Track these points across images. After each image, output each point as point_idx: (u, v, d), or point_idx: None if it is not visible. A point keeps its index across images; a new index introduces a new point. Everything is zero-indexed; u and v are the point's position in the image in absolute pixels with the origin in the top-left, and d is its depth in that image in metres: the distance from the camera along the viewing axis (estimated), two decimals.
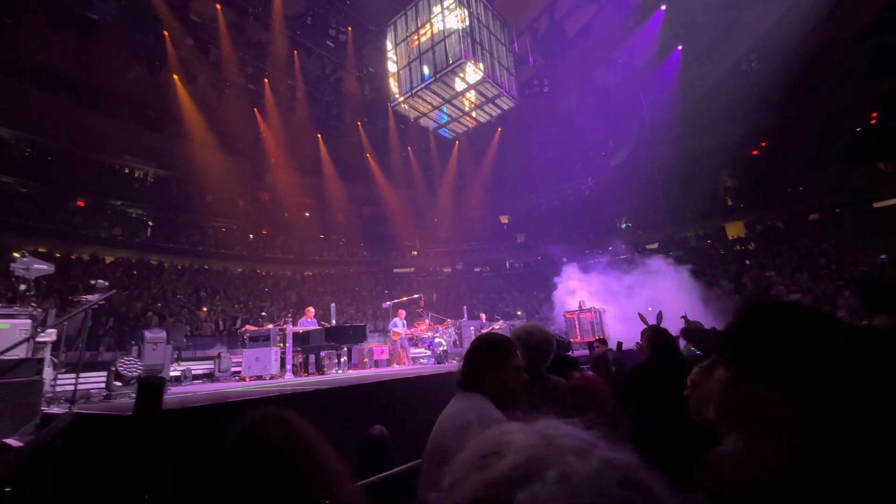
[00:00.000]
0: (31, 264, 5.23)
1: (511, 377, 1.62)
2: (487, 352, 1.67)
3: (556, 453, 0.33)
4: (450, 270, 28.04)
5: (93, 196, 19.67)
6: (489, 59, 13.69)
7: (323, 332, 7.99)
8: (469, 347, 1.74)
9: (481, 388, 1.59)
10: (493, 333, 1.81)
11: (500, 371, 1.61)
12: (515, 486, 0.31)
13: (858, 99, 18.23)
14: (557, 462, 0.32)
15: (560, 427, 0.37)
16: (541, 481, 0.31)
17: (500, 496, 0.31)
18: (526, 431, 0.37)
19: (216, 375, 8.56)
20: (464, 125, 16.51)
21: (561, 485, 0.30)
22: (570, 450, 0.33)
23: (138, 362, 4.98)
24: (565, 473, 0.31)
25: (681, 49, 18.16)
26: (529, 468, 0.32)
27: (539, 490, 0.30)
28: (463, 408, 1.53)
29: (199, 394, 4.52)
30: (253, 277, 22.30)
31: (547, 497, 0.30)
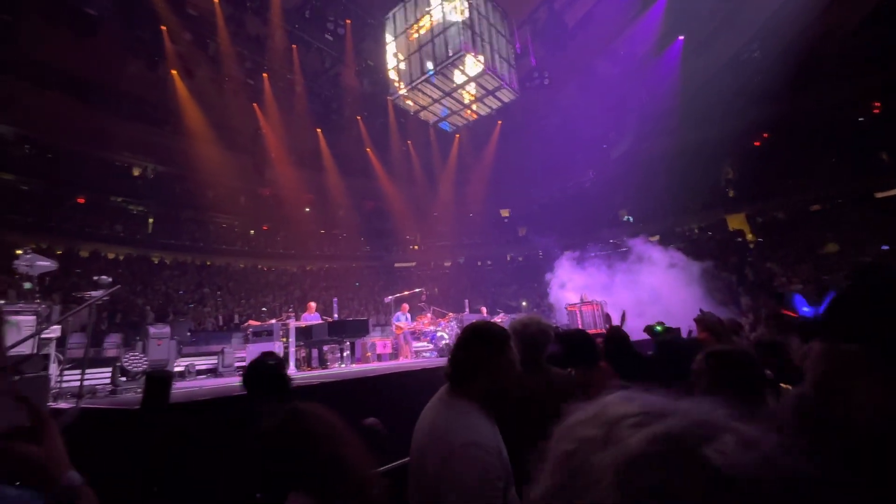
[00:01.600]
0: (35, 261, 5.25)
1: (506, 371, 1.52)
2: (481, 343, 1.54)
3: (722, 421, 0.34)
4: (451, 264, 28.05)
5: (93, 193, 19.67)
6: (489, 50, 13.59)
7: (326, 327, 8.03)
8: (460, 337, 1.61)
9: (473, 383, 1.49)
10: (485, 322, 1.65)
11: (495, 364, 1.51)
12: (697, 441, 0.31)
13: (861, 88, 18.10)
14: (729, 428, 0.33)
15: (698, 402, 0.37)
16: (720, 441, 0.31)
17: (681, 449, 0.31)
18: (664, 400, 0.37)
19: (220, 370, 8.62)
20: (464, 118, 16.43)
21: (747, 448, 0.31)
22: (731, 420, 0.34)
23: (143, 357, 5.01)
24: (741, 437, 0.32)
25: (682, 39, 18.01)
26: (705, 429, 0.32)
27: (722, 446, 0.31)
28: (447, 424, 1.42)
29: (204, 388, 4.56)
30: (255, 273, 22.35)
31: (734, 452, 0.30)
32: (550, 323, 2.33)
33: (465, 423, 1.39)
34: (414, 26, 13.89)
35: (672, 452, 0.31)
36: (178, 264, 20.16)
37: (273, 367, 2.17)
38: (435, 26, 13.26)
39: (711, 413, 0.35)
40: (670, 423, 0.34)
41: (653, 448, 0.32)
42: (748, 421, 0.34)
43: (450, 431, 1.38)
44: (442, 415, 1.47)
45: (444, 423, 1.43)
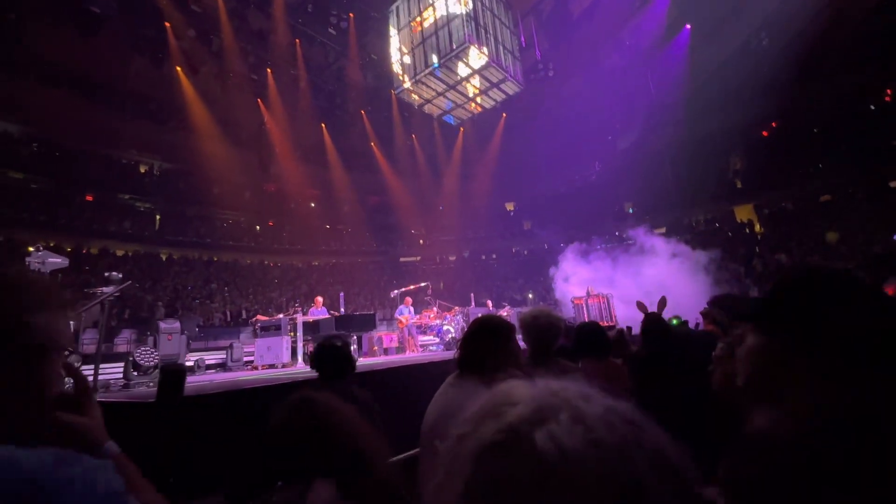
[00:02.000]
0: (46, 258, 5.32)
1: (508, 359, 1.65)
2: (485, 335, 1.68)
3: (565, 400, 0.36)
4: (456, 258, 28.07)
5: (101, 190, 19.83)
6: (493, 42, 13.48)
7: (333, 321, 8.07)
8: (468, 329, 1.75)
9: (481, 370, 1.60)
10: (491, 316, 1.82)
11: (500, 352, 1.64)
12: (532, 426, 0.34)
13: (873, 76, 17.76)
14: (568, 407, 0.35)
15: (560, 382, 0.39)
16: (555, 422, 0.34)
17: (519, 436, 0.34)
18: (531, 386, 0.40)
19: (228, 365, 8.68)
20: (468, 111, 16.36)
21: (575, 424, 0.33)
22: (576, 397, 0.36)
23: (155, 352, 5.07)
24: (577, 414, 0.34)
25: (689, 28, 17.75)
26: (543, 412, 0.35)
27: (555, 429, 0.33)
28: (458, 401, 1.52)
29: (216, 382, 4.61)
30: (261, 268, 22.49)
31: (563, 434, 0.33)
32: (560, 315, 2.32)
33: (479, 396, 1.46)
34: (417, 19, 13.79)
35: (510, 441, 0.34)
36: (186, 260, 20.33)
37: (340, 349, 2.29)
38: (438, 19, 13.16)
39: (560, 393, 0.37)
40: (517, 410, 0.36)
41: (497, 437, 0.35)
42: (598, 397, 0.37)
43: (466, 401, 1.44)
44: (454, 393, 1.58)
45: (459, 399, 1.53)
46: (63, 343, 0.67)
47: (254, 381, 3.82)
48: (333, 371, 2.27)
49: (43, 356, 0.64)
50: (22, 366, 0.61)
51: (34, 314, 0.62)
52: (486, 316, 1.83)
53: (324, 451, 1.01)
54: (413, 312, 10.74)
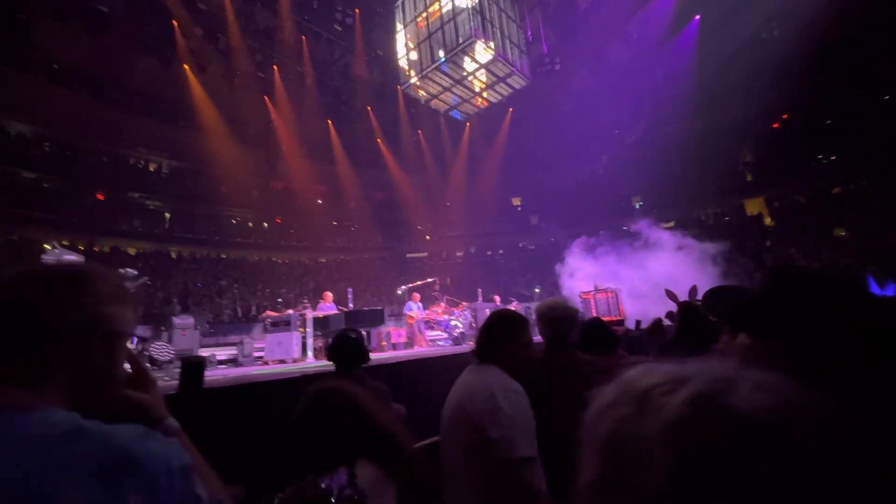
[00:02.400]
0: (62, 256, 5.41)
1: (520, 351, 1.77)
2: (502, 327, 1.81)
3: (729, 371, 0.37)
4: (463, 254, 28.06)
5: (111, 189, 20.06)
6: (500, 37, 13.41)
7: (342, 317, 8.14)
8: (485, 322, 1.87)
9: (498, 360, 1.71)
10: (507, 310, 1.95)
11: (513, 345, 1.76)
12: (721, 394, 0.35)
13: (887, 65, 17.40)
14: (737, 376, 0.36)
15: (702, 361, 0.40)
16: (738, 389, 0.35)
17: (714, 404, 0.34)
18: (680, 367, 0.40)
19: (240, 360, 8.78)
20: (475, 106, 16.31)
21: (756, 389, 0.35)
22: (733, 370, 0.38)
23: (169, 347, 5.16)
24: (754, 381, 0.36)
25: (698, 19, 17.50)
26: (722, 383, 0.36)
27: (745, 394, 0.34)
28: (483, 379, 1.62)
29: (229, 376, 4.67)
30: (269, 265, 22.66)
31: (755, 397, 0.34)
32: (576, 307, 2.33)
33: (501, 378, 1.61)
34: (423, 14, 13.76)
35: (706, 409, 0.34)
36: (195, 258, 20.53)
37: (355, 340, 2.44)
38: (444, 13, 13.12)
39: (722, 368, 0.38)
40: (695, 384, 0.37)
41: (689, 410, 0.35)
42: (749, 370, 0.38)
43: (489, 383, 1.58)
44: (475, 378, 1.66)
45: (481, 381, 1.61)
46: (130, 330, 0.76)
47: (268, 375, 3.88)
48: (349, 362, 2.37)
49: (117, 341, 0.71)
50: (104, 351, 0.69)
51: (110, 305, 0.70)
52: (502, 309, 1.97)
53: (353, 436, 1.03)
54: (422, 308, 10.79)
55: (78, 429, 0.56)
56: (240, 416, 2.47)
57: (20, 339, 0.62)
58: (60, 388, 0.64)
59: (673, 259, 12.52)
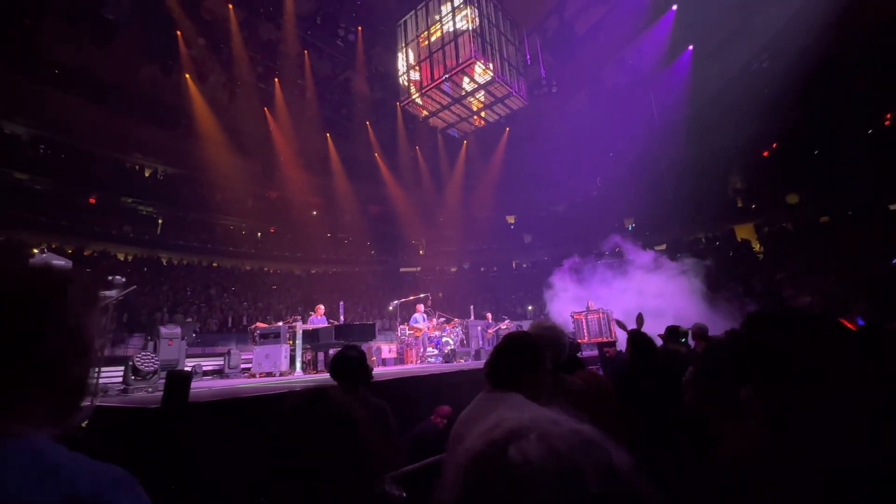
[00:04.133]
0: (50, 260, 5.33)
1: (544, 378, 1.67)
2: (524, 351, 1.68)
3: (538, 423, 0.45)
4: (456, 270, 28.06)
5: (104, 193, 19.92)
6: (499, 59, 13.69)
7: (332, 330, 8.05)
8: (503, 345, 1.73)
9: (518, 388, 1.59)
10: (525, 333, 1.85)
11: (536, 371, 1.64)
12: (508, 442, 0.43)
13: (872, 100, 17.98)
14: (538, 428, 0.44)
15: (544, 411, 0.50)
16: (525, 439, 0.42)
17: (497, 449, 0.43)
18: (520, 414, 0.49)
19: (226, 372, 8.64)
20: (472, 125, 16.53)
21: (540, 441, 0.42)
22: (548, 421, 0.46)
23: (155, 357, 5.06)
24: (543, 434, 0.43)
25: (692, 49, 18.03)
26: (518, 432, 0.44)
27: (524, 444, 0.42)
28: (526, 412, 1.52)
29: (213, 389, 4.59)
30: (261, 275, 22.47)
31: (530, 448, 0.41)
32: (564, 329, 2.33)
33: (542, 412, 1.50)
34: (425, 34, 14.03)
35: (491, 452, 0.43)
36: (185, 265, 20.32)
37: (356, 359, 2.38)
38: (445, 34, 13.39)
39: (535, 417, 0.47)
40: (499, 429, 0.46)
41: (481, 449, 0.44)
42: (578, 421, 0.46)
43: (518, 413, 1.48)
44: (501, 405, 1.53)
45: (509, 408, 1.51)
46: (103, 336, 0.73)
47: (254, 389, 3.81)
48: (351, 380, 2.33)
49: (91, 350, 0.69)
50: (79, 362, 0.66)
51: (83, 316, 0.67)
52: (522, 332, 1.88)
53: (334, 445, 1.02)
54: (427, 319, 10.71)
55: (52, 468, 0.55)
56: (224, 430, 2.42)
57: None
58: (37, 407, 0.61)
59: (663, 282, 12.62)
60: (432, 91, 14.03)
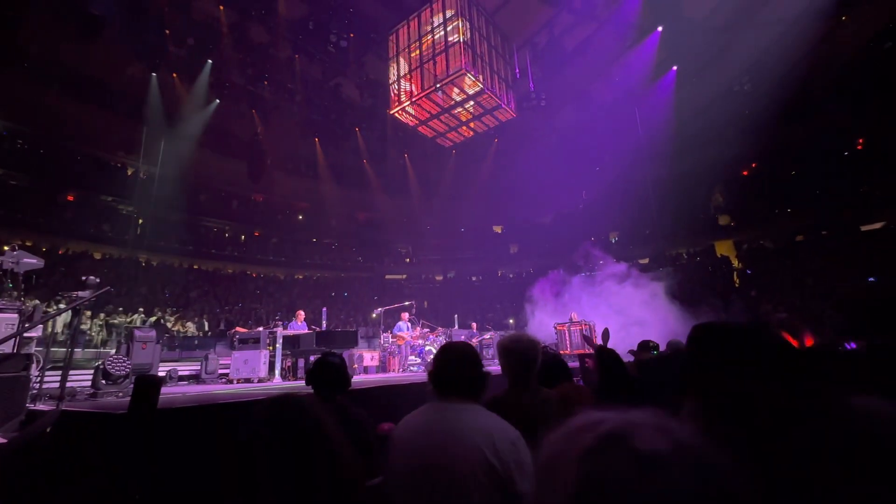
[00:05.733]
0: (21, 258, 5.15)
1: (485, 387, 1.72)
2: (476, 360, 1.73)
3: (644, 418, 0.47)
4: (442, 278, 28.04)
5: (83, 191, 19.42)
6: (488, 71, 13.88)
7: (313, 337, 7.94)
8: (456, 354, 1.72)
9: (476, 397, 1.64)
10: (469, 345, 1.85)
11: (482, 380, 1.70)
12: (626, 433, 0.44)
13: (845, 125, 18.71)
14: (649, 422, 0.46)
15: (637, 412, 0.49)
16: (645, 432, 0.44)
17: (616, 440, 0.44)
18: (609, 411, 0.50)
19: (203, 377, 8.44)
20: (461, 135, 16.66)
21: (657, 432, 0.44)
22: (651, 417, 0.47)
23: (127, 361, 4.91)
24: (659, 426, 0.45)
25: (676, 69, 18.55)
26: (631, 425, 0.45)
27: (645, 435, 0.44)
28: (493, 423, 1.53)
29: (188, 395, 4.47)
30: (243, 279, 22.10)
31: (655, 440, 0.43)
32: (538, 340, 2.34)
33: (503, 422, 1.54)
34: (416, 44, 14.16)
35: (611, 444, 0.44)
36: (166, 267, 19.87)
37: (336, 366, 2.33)
38: (437, 45, 13.54)
39: (638, 414, 0.48)
40: (608, 424, 0.46)
41: (597, 443, 0.45)
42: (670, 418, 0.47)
43: (500, 427, 1.50)
44: (470, 419, 1.54)
45: (487, 421, 1.52)
46: None
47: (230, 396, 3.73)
48: (328, 388, 2.27)
49: None
50: None
51: None
52: (464, 342, 1.87)
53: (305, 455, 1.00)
54: (411, 328, 10.64)
55: None
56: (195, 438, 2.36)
57: None
58: None
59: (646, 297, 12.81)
60: (422, 100, 14.14)
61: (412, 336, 10.38)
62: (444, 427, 1.53)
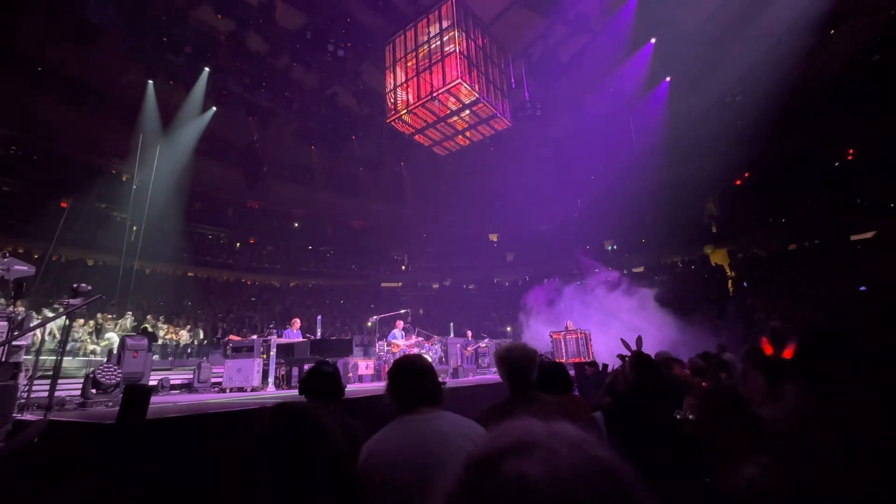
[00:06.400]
0: (12, 265, 5.10)
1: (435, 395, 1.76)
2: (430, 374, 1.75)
3: (551, 441, 0.41)
4: (437, 286, 28.00)
5: (77, 197, 19.28)
6: (484, 81, 14.03)
7: (308, 345, 7.89)
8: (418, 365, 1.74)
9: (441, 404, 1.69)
10: (415, 356, 1.86)
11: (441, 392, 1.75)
12: (509, 454, 0.40)
13: (836, 136, 19.01)
14: (548, 446, 0.40)
15: (567, 426, 0.45)
16: (528, 456, 0.39)
17: (495, 459, 0.40)
18: (540, 424, 0.46)
19: (195, 386, 8.34)
20: (457, 143, 16.76)
21: (544, 461, 0.38)
22: (563, 441, 0.41)
23: (117, 370, 4.85)
24: (551, 454, 0.39)
25: (669, 80, 18.80)
26: (525, 445, 0.41)
27: (525, 461, 0.38)
28: (467, 421, 1.61)
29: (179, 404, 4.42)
30: (238, 286, 21.97)
31: (530, 467, 0.38)
32: (534, 348, 2.35)
33: (472, 422, 1.60)
34: (412, 53, 14.30)
35: (488, 460, 0.41)
36: (159, 274, 19.72)
37: (329, 375, 2.30)
38: (433, 55, 13.68)
39: (554, 433, 0.43)
40: (507, 437, 0.43)
41: (482, 455, 0.43)
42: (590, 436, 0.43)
43: (472, 427, 1.56)
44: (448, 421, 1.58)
45: (462, 423, 1.58)
46: None
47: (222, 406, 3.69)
48: (321, 398, 2.25)
49: None
50: None
51: None
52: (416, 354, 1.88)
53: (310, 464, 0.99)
54: (405, 336, 10.59)
55: None
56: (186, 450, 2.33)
57: None
58: None
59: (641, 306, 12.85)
60: (418, 109, 14.23)
61: (407, 344, 10.33)
62: (430, 435, 1.52)
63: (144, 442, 1.98)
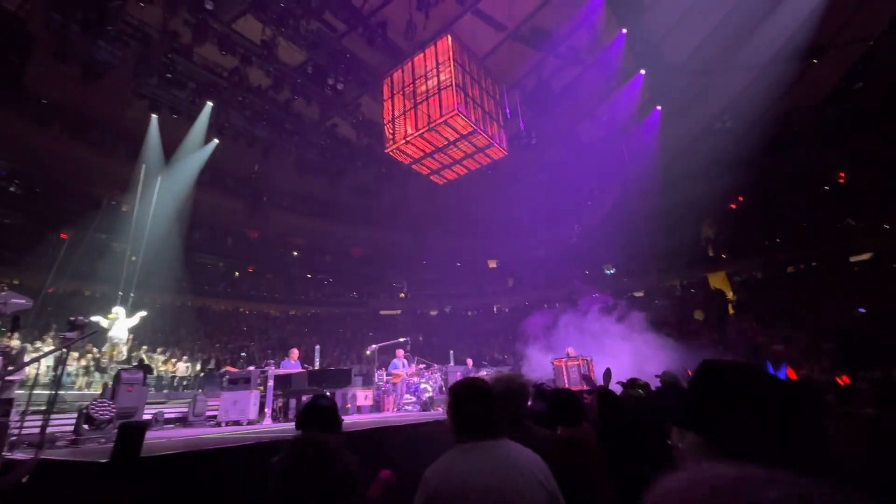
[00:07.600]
0: (9, 298, 5.09)
1: None
2: (514, 395, 1.95)
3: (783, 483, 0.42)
4: (437, 313, 27.82)
5: (77, 229, 19.37)
6: (480, 112, 14.43)
7: (306, 376, 7.79)
8: (473, 392, 1.73)
9: (504, 434, 1.65)
10: (482, 380, 1.84)
11: None
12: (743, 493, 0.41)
13: (826, 159, 19.40)
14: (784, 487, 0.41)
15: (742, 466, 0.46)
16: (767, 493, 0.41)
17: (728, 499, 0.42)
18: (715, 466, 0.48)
19: (190, 419, 8.15)
20: (455, 172, 17.06)
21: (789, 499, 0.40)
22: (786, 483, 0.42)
23: (111, 405, 4.75)
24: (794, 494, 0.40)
25: (659, 109, 19.32)
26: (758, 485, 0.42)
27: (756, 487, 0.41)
28: (532, 452, 1.59)
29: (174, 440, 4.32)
30: (235, 315, 21.80)
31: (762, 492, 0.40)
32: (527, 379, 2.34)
33: (534, 453, 1.60)
34: (410, 86, 14.78)
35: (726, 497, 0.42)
36: (157, 304, 19.59)
37: (327, 409, 2.30)
38: (430, 87, 14.12)
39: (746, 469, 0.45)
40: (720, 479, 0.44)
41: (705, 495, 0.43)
42: None
43: (537, 458, 1.56)
44: (513, 450, 1.58)
45: (529, 454, 1.57)
46: None
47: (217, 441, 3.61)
48: (317, 430, 2.19)
49: None
50: None
51: None
52: (507, 376, 1.99)
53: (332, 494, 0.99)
54: (407, 364, 10.45)
55: None
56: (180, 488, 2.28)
57: None
58: None
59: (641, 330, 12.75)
60: (416, 140, 14.57)
61: (408, 373, 10.19)
62: (503, 464, 1.50)
63: (138, 481, 1.94)
